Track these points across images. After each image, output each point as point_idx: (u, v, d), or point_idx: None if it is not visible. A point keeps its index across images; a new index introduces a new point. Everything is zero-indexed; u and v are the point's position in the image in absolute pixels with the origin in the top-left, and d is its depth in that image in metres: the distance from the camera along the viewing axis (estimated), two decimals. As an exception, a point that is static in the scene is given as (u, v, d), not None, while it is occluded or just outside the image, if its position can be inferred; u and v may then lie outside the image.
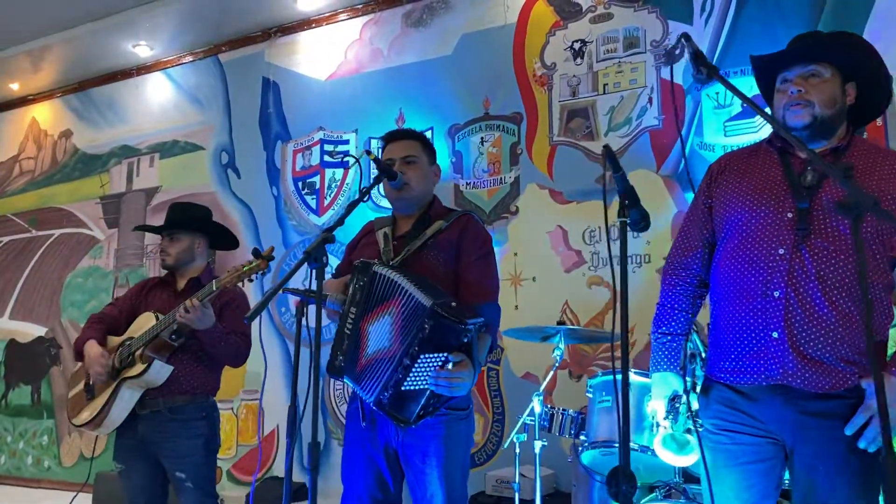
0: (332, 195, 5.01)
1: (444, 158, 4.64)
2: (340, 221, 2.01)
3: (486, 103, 4.57)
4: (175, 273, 2.97)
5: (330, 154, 5.07)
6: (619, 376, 1.51)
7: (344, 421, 4.64)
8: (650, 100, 4.10)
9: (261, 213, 5.27)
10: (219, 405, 5.20)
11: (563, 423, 2.65)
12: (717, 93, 3.95)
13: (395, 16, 4.97)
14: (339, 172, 5.02)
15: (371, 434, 2.19)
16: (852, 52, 1.95)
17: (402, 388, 2.00)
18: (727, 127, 3.91)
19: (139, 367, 2.68)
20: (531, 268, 4.26)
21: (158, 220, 5.72)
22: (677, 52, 4.07)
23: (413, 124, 4.77)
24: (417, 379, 2.00)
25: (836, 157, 1.91)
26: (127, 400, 2.70)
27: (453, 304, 1.98)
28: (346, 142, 5.02)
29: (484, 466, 4.25)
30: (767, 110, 2.07)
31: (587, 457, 2.51)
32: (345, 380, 2.10)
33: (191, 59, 5.79)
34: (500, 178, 4.46)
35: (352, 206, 2.07)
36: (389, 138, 2.38)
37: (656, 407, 1.99)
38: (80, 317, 5.91)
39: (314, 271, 1.88)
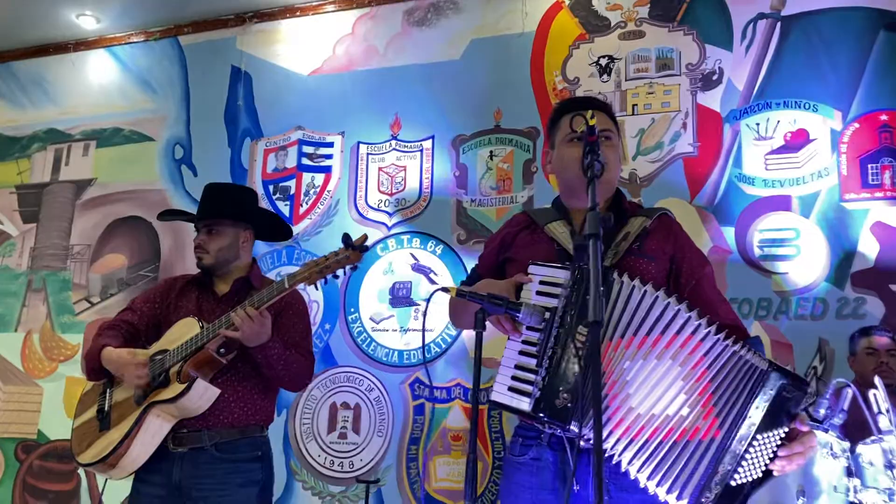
0: (309, 202, 4.43)
1: (446, 171, 4.20)
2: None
3: (497, 115, 4.17)
4: (212, 273, 2.34)
5: (309, 157, 4.51)
6: None
7: (311, 460, 4.02)
8: (684, 125, 3.83)
9: (220, 218, 4.60)
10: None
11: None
12: (758, 123, 3.73)
13: (395, 12, 4.52)
14: (320, 178, 4.46)
15: (563, 494, 1.64)
16: None
17: (732, 484, 1.48)
18: (767, 160, 3.68)
19: (176, 388, 2.02)
20: (544, 297, 3.84)
21: (90, 217, 4.96)
22: (714, 77, 3.85)
23: (411, 131, 4.31)
24: (751, 467, 1.49)
25: None
26: (153, 432, 2.03)
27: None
28: (330, 144, 4.48)
29: (480, 519, 3.74)
30: None
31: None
32: (570, 427, 1.52)
33: (143, 39, 5.09)
34: (511, 197, 4.05)
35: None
36: (578, 105, 1.88)
37: None
38: (-21, 324, 4.98)
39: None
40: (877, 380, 2.31)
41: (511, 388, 1.56)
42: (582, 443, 1.56)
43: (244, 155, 4.66)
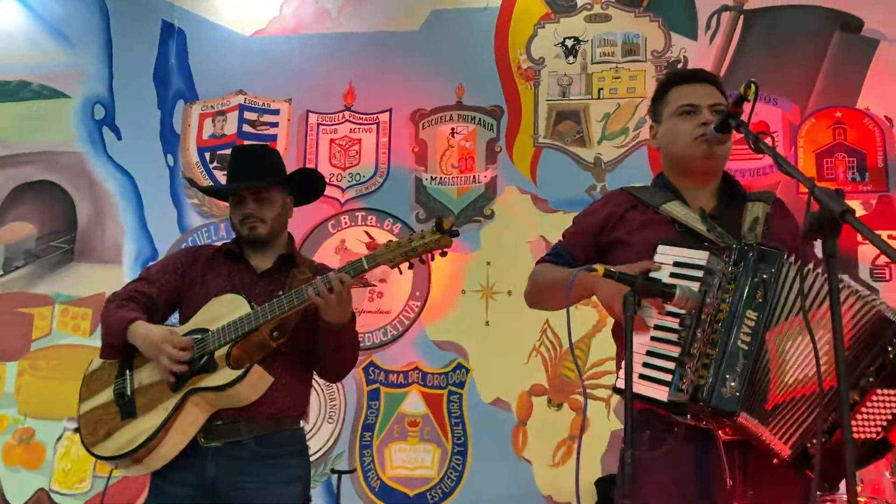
0: (251, 173, 4.12)
1: (404, 146, 4.02)
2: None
3: (460, 91, 4.03)
4: (249, 245, 2.04)
5: (252, 124, 4.20)
6: None
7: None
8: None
9: (148, 186, 4.21)
10: (66, 423, 4.06)
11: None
12: (721, 114, 3.78)
13: (349, -25, 4.27)
14: (264, 147, 4.15)
15: (706, 492, 1.51)
16: None
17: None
18: (729, 150, 3.75)
19: (228, 374, 1.74)
20: (506, 280, 3.75)
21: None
22: (679, 65, 3.88)
23: (367, 102, 4.11)
24: (865, 423, 1.41)
25: None
26: (191, 423, 1.76)
27: None
28: (276, 111, 4.19)
29: (438, 507, 3.63)
30: None
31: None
32: (737, 418, 1.39)
33: (56, -16, 4.57)
34: (473, 177, 3.93)
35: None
36: (688, 77, 1.78)
37: None
38: None
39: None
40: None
41: (643, 377, 1.44)
42: (722, 434, 1.47)
43: (176, 118, 4.28)
